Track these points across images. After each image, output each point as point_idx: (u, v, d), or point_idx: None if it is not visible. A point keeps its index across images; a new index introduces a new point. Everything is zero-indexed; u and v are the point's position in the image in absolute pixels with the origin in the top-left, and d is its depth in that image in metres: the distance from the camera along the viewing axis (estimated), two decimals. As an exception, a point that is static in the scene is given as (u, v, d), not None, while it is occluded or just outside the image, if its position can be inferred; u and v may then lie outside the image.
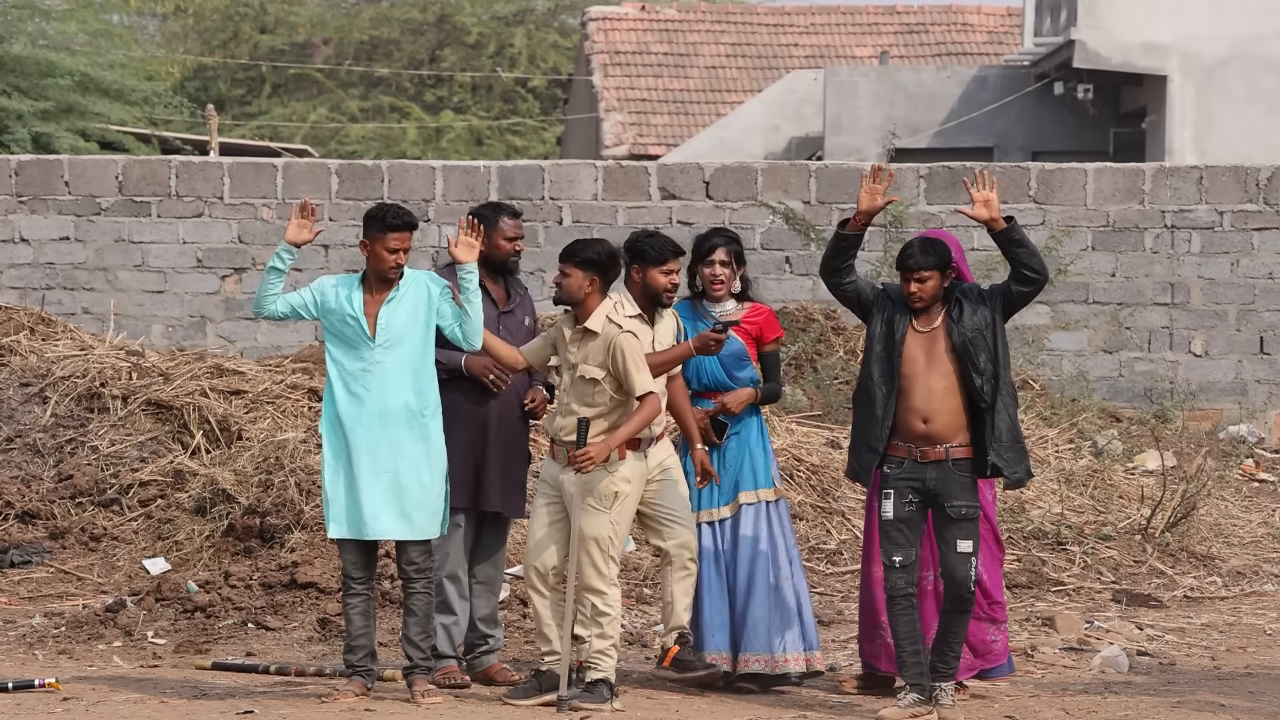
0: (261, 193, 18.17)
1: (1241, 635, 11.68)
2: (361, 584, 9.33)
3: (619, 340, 9.17)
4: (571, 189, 18.21)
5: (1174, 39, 26.27)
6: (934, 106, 28.45)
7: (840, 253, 9.09)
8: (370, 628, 9.37)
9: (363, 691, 9.29)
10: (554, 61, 45.68)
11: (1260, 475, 16.44)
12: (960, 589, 8.97)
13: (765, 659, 9.68)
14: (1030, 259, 8.94)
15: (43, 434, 13.34)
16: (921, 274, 8.93)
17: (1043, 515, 13.51)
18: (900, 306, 9.00)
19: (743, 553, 9.76)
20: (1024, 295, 9.02)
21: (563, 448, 9.22)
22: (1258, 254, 18.15)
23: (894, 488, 8.98)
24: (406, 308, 9.27)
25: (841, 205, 18.15)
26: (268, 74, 46.25)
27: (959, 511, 8.95)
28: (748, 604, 9.72)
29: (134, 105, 26.63)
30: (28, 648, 10.81)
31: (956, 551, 8.97)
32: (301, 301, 9.34)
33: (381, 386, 9.22)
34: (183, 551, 12.33)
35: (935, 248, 8.98)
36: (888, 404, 8.93)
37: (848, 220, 9.10)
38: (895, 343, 8.95)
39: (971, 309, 8.96)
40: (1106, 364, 18.00)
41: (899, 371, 8.92)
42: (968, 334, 8.91)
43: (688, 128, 34.07)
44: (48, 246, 18.19)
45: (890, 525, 9.00)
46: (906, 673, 9.04)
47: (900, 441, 8.97)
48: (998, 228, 8.95)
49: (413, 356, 9.26)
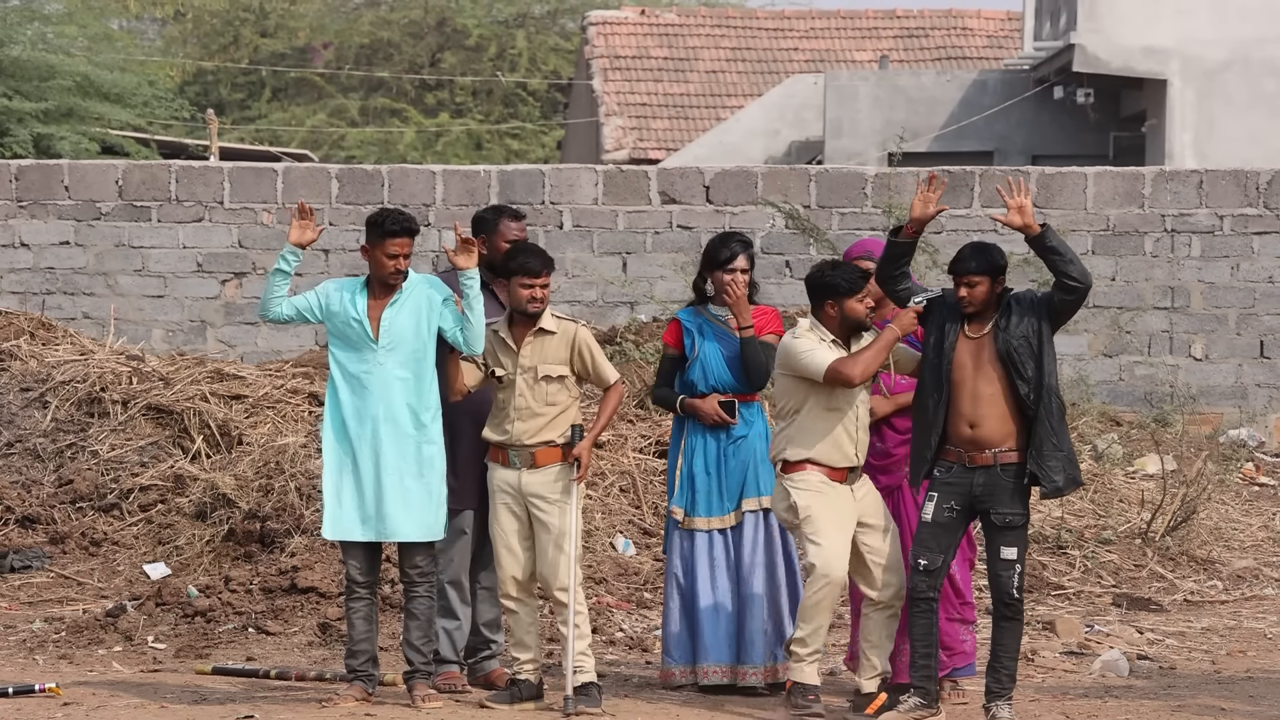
0: (262, 197, 18.17)
1: (1242, 639, 11.67)
2: (365, 588, 9.33)
3: (581, 334, 9.34)
4: (572, 193, 18.21)
5: (1174, 43, 26.26)
6: (934, 111, 28.44)
7: (893, 260, 9.12)
8: (372, 632, 9.37)
9: (364, 696, 9.29)
10: (554, 65, 45.69)
11: (1260, 479, 16.43)
12: (1004, 595, 8.97)
13: (761, 671, 9.69)
14: (1068, 266, 8.91)
15: (43, 439, 13.34)
16: (972, 279, 8.93)
17: (1043, 519, 13.50)
18: (954, 312, 9.01)
19: (745, 561, 9.77)
20: (1067, 304, 8.99)
21: (522, 452, 9.23)
22: (1258, 258, 18.14)
23: (939, 491, 8.99)
24: (409, 311, 9.29)
25: (841, 209, 18.15)
26: (268, 78, 46.26)
27: (1004, 519, 8.95)
28: (746, 616, 9.73)
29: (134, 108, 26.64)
30: (28, 653, 10.80)
31: (1000, 558, 8.97)
32: (306, 305, 9.37)
33: (384, 389, 9.23)
34: (183, 556, 12.33)
35: (987, 253, 8.98)
36: (937, 410, 8.96)
37: (900, 228, 9.10)
38: (946, 349, 8.97)
39: (1019, 317, 8.95)
40: (1106, 368, 17.99)
41: (949, 378, 8.94)
42: (1013, 341, 8.91)
43: (688, 132, 34.07)
44: (48, 251, 18.18)
45: (926, 528, 9.00)
46: (915, 674, 9.05)
47: (950, 446, 8.99)
48: (1032, 234, 8.94)
49: (415, 359, 9.28)
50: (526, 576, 9.32)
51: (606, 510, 12.97)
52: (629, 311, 17.89)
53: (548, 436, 9.27)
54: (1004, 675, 8.99)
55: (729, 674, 9.71)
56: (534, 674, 9.33)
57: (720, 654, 9.70)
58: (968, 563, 9.67)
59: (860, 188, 18.22)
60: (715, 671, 9.70)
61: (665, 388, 9.90)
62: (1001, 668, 9.00)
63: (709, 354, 9.78)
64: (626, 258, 18.18)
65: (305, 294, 9.43)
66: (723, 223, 17.92)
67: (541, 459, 9.26)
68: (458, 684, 9.68)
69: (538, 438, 9.25)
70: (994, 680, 9.01)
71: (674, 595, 9.79)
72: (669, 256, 17.88)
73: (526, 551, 9.30)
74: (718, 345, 9.80)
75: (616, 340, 16.03)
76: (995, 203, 17.95)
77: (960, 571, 9.50)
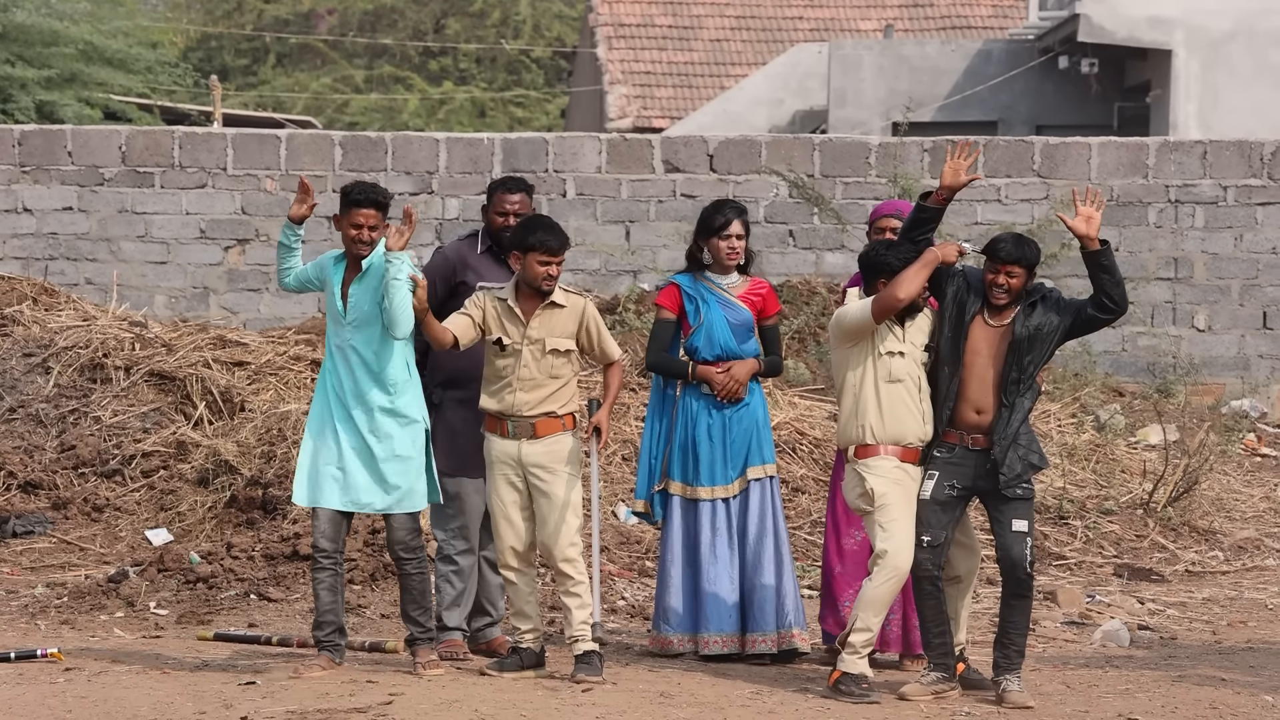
0: (265, 164, 18.15)
1: (1243, 610, 11.69)
2: (329, 558, 9.26)
3: (589, 310, 9.31)
4: (575, 162, 18.19)
5: (1179, 13, 26.21)
6: (938, 80, 28.40)
7: (919, 224, 9.06)
8: (337, 603, 9.29)
9: (330, 666, 9.23)
10: (558, 32, 45.61)
11: (1262, 450, 16.44)
12: (1016, 569, 8.92)
13: (773, 638, 9.70)
14: (1113, 289, 8.85)
15: (45, 404, 13.35)
16: (1012, 269, 8.88)
17: (1045, 490, 13.51)
18: (975, 291, 8.96)
19: (751, 530, 9.78)
20: (1096, 321, 8.95)
21: (521, 422, 9.23)
22: (1261, 229, 18.13)
23: (940, 470, 8.96)
24: (372, 287, 9.22)
25: (845, 179, 18.14)
26: (272, 44, 46.20)
27: (1014, 491, 8.92)
28: (755, 583, 9.73)
29: (137, 74, 26.60)
30: (30, 618, 10.82)
31: (1011, 531, 8.91)
32: (307, 276, 9.41)
33: (351, 361, 9.22)
34: (185, 522, 12.35)
35: (1029, 245, 8.93)
36: (949, 388, 8.93)
37: (929, 193, 9.06)
38: (962, 326, 8.92)
39: (1044, 311, 8.90)
40: (1109, 338, 17.99)
41: (963, 360, 8.91)
42: (1030, 330, 8.87)
43: (692, 101, 34.02)
44: (51, 217, 18.18)
45: (926, 506, 8.97)
46: (931, 652, 9.03)
47: (954, 429, 8.97)
48: (1091, 247, 8.89)
49: (380, 335, 9.20)
50: (526, 547, 9.32)
51: (609, 479, 12.98)
52: (631, 280, 17.88)
53: (549, 408, 9.26)
54: (1013, 651, 8.97)
55: (732, 643, 9.71)
56: (535, 643, 9.34)
57: (723, 623, 9.70)
58: None
59: (864, 157, 18.20)
60: (717, 641, 9.71)
61: (664, 353, 9.84)
62: (1011, 643, 8.97)
63: (714, 321, 9.76)
64: (630, 226, 18.16)
65: (309, 264, 9.44)
66: (726, 191, 17.90)
67: (541, 429, 9.25)
68: (459, 652, 9.69)
69: (539, 409, 9.24)
70: (1002, 655, 8.98)
71: (674, 565, 9.78)
72: (672, 225, 17.86)
73: (526, 522, 9.30)
74: (723, 313, 9.79)
75: (618, 309, 16.04)
76: (999, 172, 17.96)
77: None
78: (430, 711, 8.52)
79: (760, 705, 8.84)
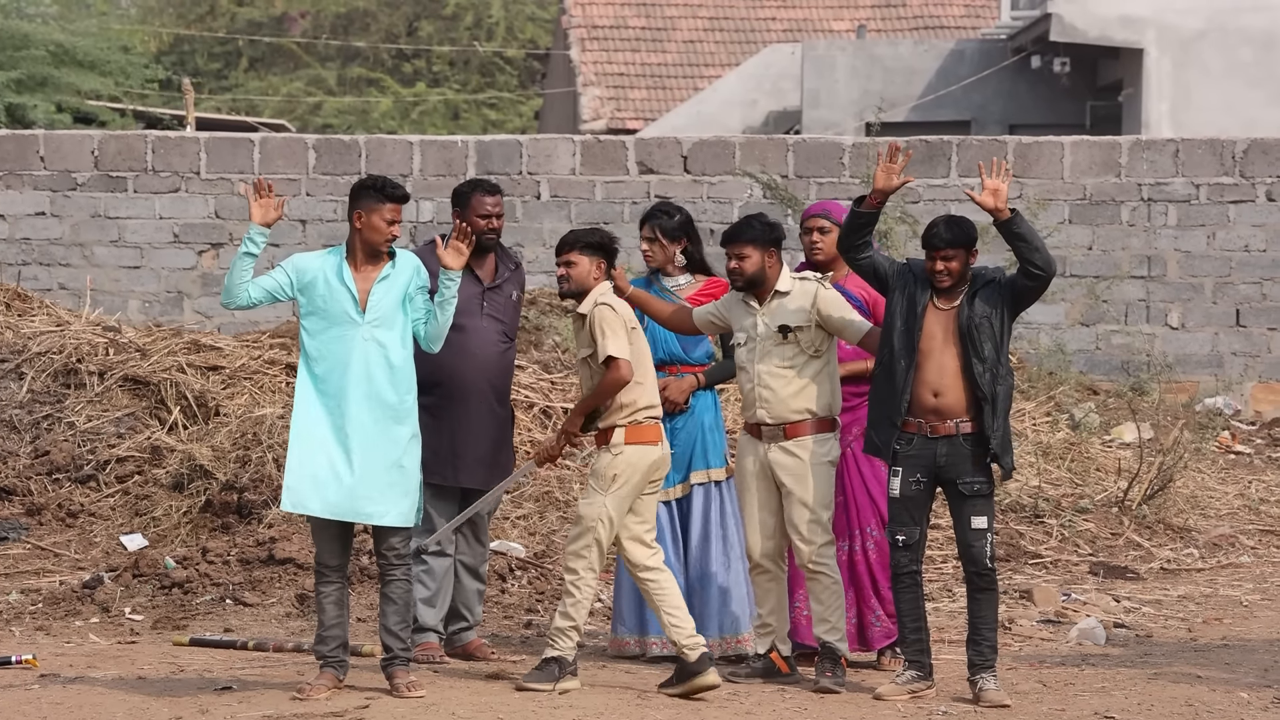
0: (239, 168, 18.12)
1: (1218, 607, 11.71)
2: (336, 572, 8.93)
3: (595, 312, 9.13)
4: (549, 164, 18.18)
5: (1151, 12, 26.27)
6: (911, 80, 28.44)
7: (856, 229, 9.11)
8: (344, 618, 8.95)
9: (335, 684, 8.90)
10: (531, 34, 45.59)
11: (1236, 447, 16.48)
12: (977, 565, 8.94)
13: (716, 642, 9.68)
14: (1033, 254, 8.88)
15: (19, 410, 13.31)
16: (947, 252, 8.92)
17: (1020, 488, 13.53)
18: (922, 281, 8.99)
19: (694, 534, 9.77)
20: (1029, 290, 8.97)
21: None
22: (1234, 226, 18.17)
23: (903, 466, 8.97)
24: (399, 287, 8.95)
25: (819, 179, 18.15)
26: (245, 47, 46.12)
27: (971, 488, 8.93)
28: (701, 588, 9.73)
29: (109, 75, 26.54)
30: (4, 624, 10.79)
31: (971, 528, 8.94)
32: (275, 284, 8.93)
33: (366, 365, 8.84)
34: (160, 528, 12.32)
35: (961, 226, 8.97)
36: (907, 377, 8.94)
37: (864, 198, 9.09)
38: (916, 317, 8.95)
39: (985, 295, 8.95)
40: (1083, 337, 18.02)
41: (918, 346, 8.93)
42: (976, 319, 8.90)
43: (665, 102, 34.03)
44: (23, 222, 18.13)
45: (896, 503, 8.99)
46: (907, 649, 9.05)
47: (911, 417, 8.98)
48: (1001, 218, 8.93)
49: (397, 336, 8.92)
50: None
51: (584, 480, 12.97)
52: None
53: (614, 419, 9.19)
54: (985, 647, 8.98)
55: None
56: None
57: None
58: None
59: (838, 158, 18.21)
60: (661, 644, 9.69)
61: None
62: (982, 639, 8.99)
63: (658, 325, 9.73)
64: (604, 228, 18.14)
65: (271, 273, 8.99)
66: (700, 193, 17.91)
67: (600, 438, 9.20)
68: (435, 654, 9.66)
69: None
70: (975, 653, 8.98)
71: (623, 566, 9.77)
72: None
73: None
74: None
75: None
76: (973, 173, 17.96)
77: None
78: (407, 715, 8.51)
79: (738, 706, 8.84)
